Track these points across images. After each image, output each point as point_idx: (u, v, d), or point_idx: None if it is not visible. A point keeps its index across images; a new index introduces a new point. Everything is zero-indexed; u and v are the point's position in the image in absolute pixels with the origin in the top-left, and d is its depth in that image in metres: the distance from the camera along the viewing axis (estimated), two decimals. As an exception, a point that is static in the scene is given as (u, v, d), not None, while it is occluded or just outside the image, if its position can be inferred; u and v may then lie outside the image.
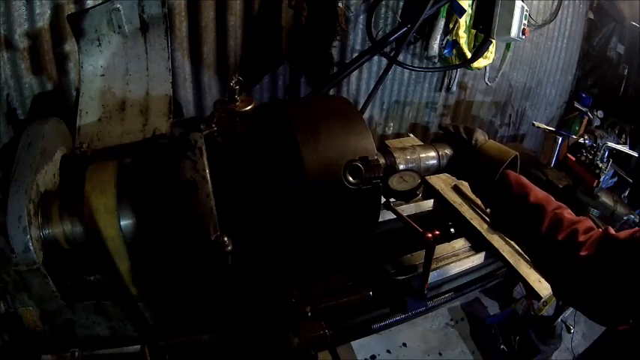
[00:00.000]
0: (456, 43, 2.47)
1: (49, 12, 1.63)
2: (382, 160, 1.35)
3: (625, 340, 0.86)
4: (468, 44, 2.50)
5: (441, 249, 1.72)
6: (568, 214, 1.17)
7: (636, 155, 2.98)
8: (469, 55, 2.46)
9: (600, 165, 2.53)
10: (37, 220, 1.09)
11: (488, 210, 1.45)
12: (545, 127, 2.80)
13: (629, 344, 0.85)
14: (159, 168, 1.17)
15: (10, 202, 1.04)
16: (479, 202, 1.93)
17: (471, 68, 2.65)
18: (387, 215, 1.66)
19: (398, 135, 2.96)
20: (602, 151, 2.69)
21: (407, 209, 1.88)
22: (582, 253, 1.04)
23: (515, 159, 1.35)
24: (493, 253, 1.77)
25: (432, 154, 1.46)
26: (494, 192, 1.32)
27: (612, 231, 1.06)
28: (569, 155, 2.72)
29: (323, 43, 2.20)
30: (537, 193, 1.23)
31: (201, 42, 2.00)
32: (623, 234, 1.02)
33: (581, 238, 1.07)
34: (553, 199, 1.23)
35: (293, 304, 1.33)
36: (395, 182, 1.31)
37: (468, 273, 1.72)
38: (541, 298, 1.64)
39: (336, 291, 1.50)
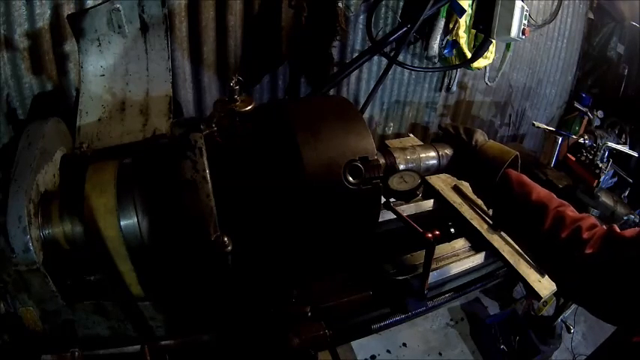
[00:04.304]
0: (456, 43, 2.47)
1: (49, 12, 1.63)
2: (382, 160, 1.35)
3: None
4: (468, 44, 2.50)
5: (441, 249, 1.72)
6: (571, 211, 1.16)
7: (636, 155, 2.98)
8: (469, 55, 2.46)
9: (600, 165, 2.52)
10: (37, 220, 1.09)
11: (489, 210, 1.45)
12: (545, 127, 2.80)
13: None
14: (159, 168, 1.18)
15: (10, 202, 1.04)
16: (479, 202, 1.93)
17: (471, 68, 2.65)
18: (387, 215, 1.66)
19: (398, 135, 2.96)
20: (602, 151, 2.68)
21: (407, 209, 1.88)
22: (587, 251, 1.03)
23: (516, 159, 1.35)
24: (493, 253, 1.77)
25: (432, 154, 1.46)
26: (496, 192, 1.32)
27: (617, 229, 1.04)
28: (569, 155, 2.71)
29: (323, 43, 2.20)
30: (539, 191, 1.23)
31: (201, 42, 2.00)
32: (628, 232, 1.01)
33: (585, 235, 1.06)
34: (555, 197, 1.23)
35: (293, 304, 1.33)
36: (395, 182, 1.31)
37: (468, 273, 1.72)
38: (541, 298, 1.64)
39: (336, 291, 1.50)
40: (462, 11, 2.28)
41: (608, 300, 1.01)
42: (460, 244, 1.81)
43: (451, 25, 2.43)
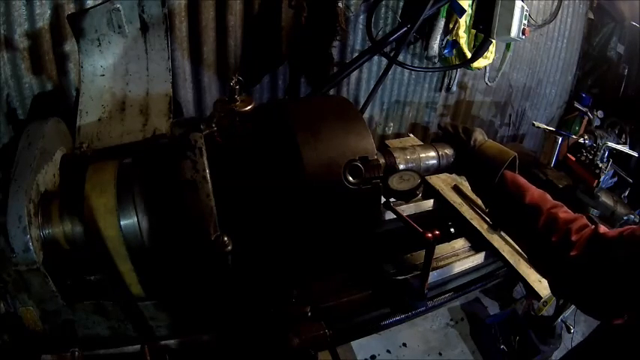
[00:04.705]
0: (456, 43, 2.47)
1: (49, 12, 1.63)
2: (382, 160, 1.35)
3: (620, 335, 0.87)
4: (468, 44, 2.50)
5: (441, 249, 1.72)
6: (563, 212, 1.17)
7: (636, 155, 2.97)
8: (469, 55, 2.46)
9: (600, 165, 2.53)
10: (37, 220, 1.09)
11: (487, 209, 1.45)
12: (545, 127, 2.80)
13: (624, 338, 0.86)
14: (159, 168, 1.18)
15: (10, 202, 1.04)
16: (479, 202, 1.93)
17: (471, 68, 2.65)
18: (387, 215, 1.66)
19: (398, 135, 2.96)
20: (602, 151, 2.69)
21: (407, 209, 1.88)
22: (572, 253, 1.05)
23: (515, 159, 1.35)
24: (493, 253, 1.78)
25: (432, 154, 1.46)
26: (493, 192, 1.32)
27: (602, 230, 1.07)
28: (569, 155, 2.71)
29: (323, 43, 2.20)
30: (533, 192, 1.24)
31: (201, 42, 2.00)
32: (612, 233, 1.03)
33: (574, 237, 1.08)
34: (549, 197, 1.23)
35: (293, 304, 1.33)
36: (395, 182, 1.31)
37: (468, 273, 1.72)
38: (541, 298, 1.65)
39: (336, 291, 1.50)
40: (462, 11, 2.28)
41: (595, 298, 1.03)
42: (460, 244, 1.81)
43: (451, 25, 2.43)
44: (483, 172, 1.34)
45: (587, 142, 2.87)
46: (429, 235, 1.38)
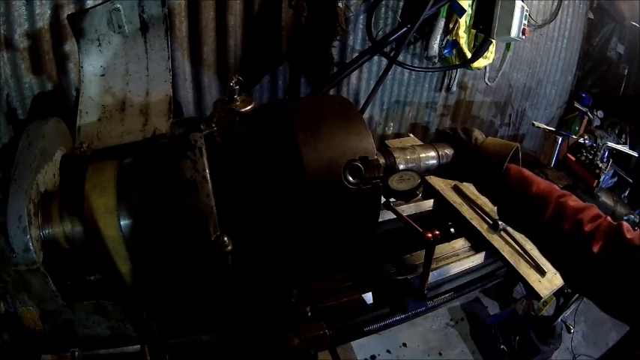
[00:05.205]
0: (456, 43, 2.47)
1: (49, 12, 1.63)
2: (382, 160, 1.35)
3: None
4: (468, 44, 2.50)
5: (441, 249, 1.72)
6: (572, 201, 1.14)
7: (636, 155, 2.98)
8: (469, 55, 2.46)
9: (600, 165, 2.53)
10: (37, 220, 1.09)
11: (495, 208, 1.44)
12: (545, 127, 2.80)
13: None
14: (159, 168, 1.18)
15: (10, 202, 1.04)
16: (479, 202, 1.94)
17: (471, 68, 2.65)
18: (387, 215, 1.66)
19: (398, 135, 2.96)
20: (602, 151, 2.69)
21: (407, 209, 1.88)
22: (595, 249, 1.01)
23: (517, 152, 1.34)
24: (493, 253, 1.77)
25: (432, 154, 1.45)
26: (499, 187, 1.31)
27: (626, 230, 1.01)
28: (569, 155, 2.72)
29: (323, 43, 2.20)
30: (539, 183, 1.21)
31: (201, 42, 2.00)
32: (638, 238, 0.98)
33: (587, 227, 1.04)
34: (557, 187, 1.21)
35: (293, 304, 1.33)
36: (395, 182, 1.31)
37: (468, 273, 1.72)
38: (541, 298, 1.64)
39: (336, 291, 1.50)
40: (462, 11, 2.28)
41: (618, 301, 0.99)
42: (460, 244, 1.81)
43: (451, 25, 2.43)
44: (488, 168, 1.33)
45: (587, 142, 2.87)
46: (429, 235, 1.38)
